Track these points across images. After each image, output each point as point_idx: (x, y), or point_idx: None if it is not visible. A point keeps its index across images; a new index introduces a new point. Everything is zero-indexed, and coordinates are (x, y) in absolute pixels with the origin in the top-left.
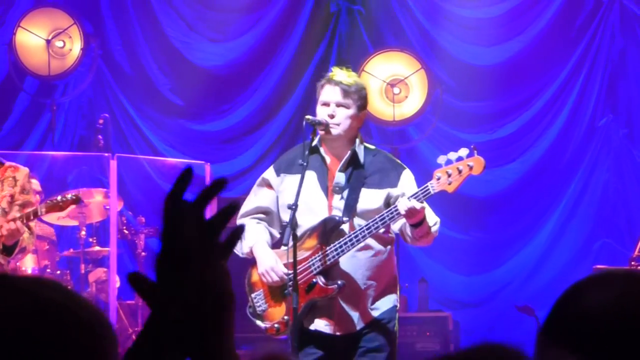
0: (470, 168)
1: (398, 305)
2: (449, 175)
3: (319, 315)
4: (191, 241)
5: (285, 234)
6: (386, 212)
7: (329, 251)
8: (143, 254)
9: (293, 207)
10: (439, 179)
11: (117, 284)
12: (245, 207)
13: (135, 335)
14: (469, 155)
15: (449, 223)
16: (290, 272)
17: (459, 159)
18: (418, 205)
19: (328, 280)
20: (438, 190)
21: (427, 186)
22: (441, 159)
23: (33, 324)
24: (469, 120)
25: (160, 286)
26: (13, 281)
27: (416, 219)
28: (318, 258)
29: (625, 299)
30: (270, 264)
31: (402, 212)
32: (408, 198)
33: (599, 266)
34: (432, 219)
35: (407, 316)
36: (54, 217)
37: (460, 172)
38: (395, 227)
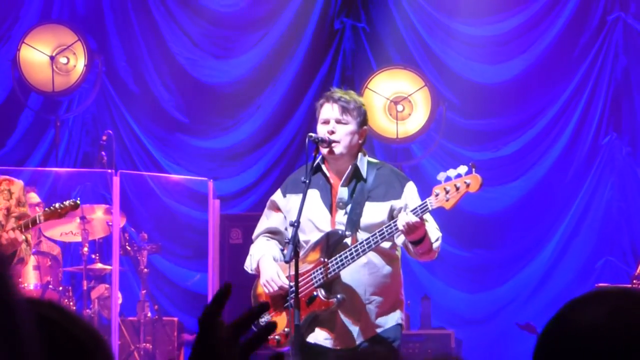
0: (468, 185)
1: (403, 323)
2: (447, 192)
3: (319, 328)
4: (222, 345)
5: (287, 250)
6: (386, 227)
7: (330, 265)
8: (145, 270)
9: (295, 224)
10: (437, 195)
11: (120, 301)
12: (258, 229)
13: (137, 351)
14: (467, 173)
15: (452, 240)
16: (292, 284)
17: (458, 176)
18: (414, 219)
19: (329, 293)
20: (436, 206)
21: (425, 202)
22: (441, 176)
23: (25, 341)
24: (472, 138)
25: None
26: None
27: (416, 236)
28: (320, 271)
29: (617, 316)
30: (272, 275)
31: (401, 228)
32: (406, 213)
33: (601, 284)
34: (434, 235)
35: (409, 333)
36: (56, 233)
37: (457, 189)
38: (399, 240)
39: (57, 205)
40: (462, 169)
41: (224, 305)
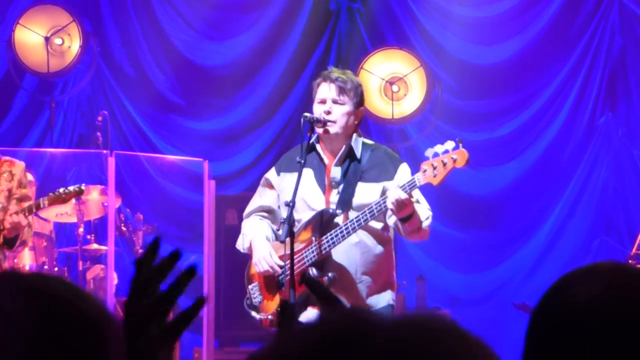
0: (454, 161)
1: (394, 304)
2: (434, 168)
3: (311, 307)
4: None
5: (283, 230)
6: (375, 204)
7: (321, 243)
8: (141, 251)
9: (290, 204)
10: (424, 171)
11: (115, 281)
12: (250, 207)
13: None
14: (455, 149)
15: (447, 221)
16: (283, 263)
17: (445, 152)
18: (403, 196)
19: (320, 272)
20: (424, 182)
21: (413, 179)
22: (428, 152)
23: (38, 318)
24: (468, 119)
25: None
26: (19, 277)
27: (404, 213)
28: (311, 250)
29: (611, 291)
30: (264, 254)
31: (390, 205)
32: (396, 188)
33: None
34: (424, 214)
35: None
36: (52, 214)
37: (445, 165)
38: (391, 221)
39: (61, 190)
40: (449, 144)
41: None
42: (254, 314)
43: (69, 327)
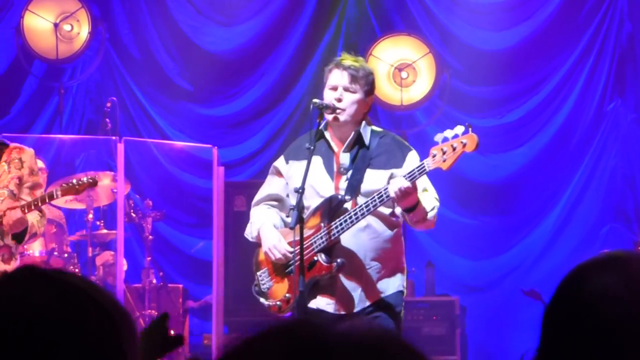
0: (464, 145)
1: (405, 290)
2: (444, 153)
3: (320, 293)
4: None
5: (292, 216)
6: (384, 189)
7: (330, 229)
8: (150, 237)
9: (300, 191)
10: (434, 156)
11: (125, 267)
12: (259, 195)
13: (142, 318)
14: (464, 133)
15: (456, 207)
16: (293, 249)
17: (455, 136)
18: (406, 184)
19: (329, 258)
20: (433, 167)
21: (422, 164)
22: (437, 137)
23: (60, 311)
24: (476, 105)
25: None
26: (39, 271)
27: (407, 203)
28: (320, 236)
29: (629, 281)
30: (274, 242)
31: (392, 195)
32: (400, 178)
33: (606, 251)
34: (430, 204)
35: (413, 300)
36: (61, 200)
37: (454, 149)
38: (397, 210)
39: (74, 181)
40: (459, 129)
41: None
42: (262, 300)
43: (87, 320)
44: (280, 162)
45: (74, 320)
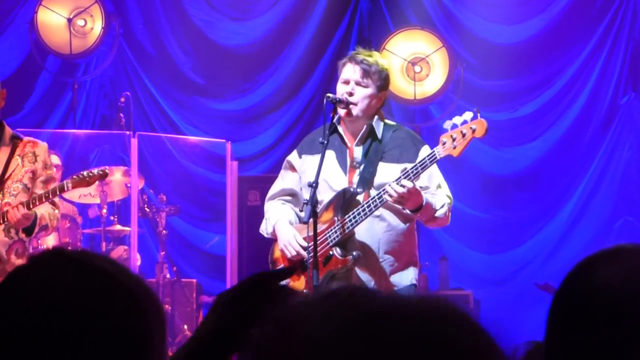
0: (473, 131)
1: (417, 283)
2: (454, 140)
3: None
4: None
5: (306, 211)
6: (393, 183)
7: (344, 223)
8: (164, 232)
9: (313, 185)
10: (444, 144)
11: (138, 262)
12: (273, 190)
13: None
14: (473, 119)
15: (469, 201)
16: (308, 245)
17: (464, 122)
18: (410, 185)
19: (344, 251)
20: (444, 154)
21: (433, 152)
22: (447, 124)
23: (86, 294)
24: (490, 99)
25: None
26: (65, 253)
27: (411, 205)
28: (333, 230)
29: (635, 273)
30: (289, 239)
31: (390, 199)
32: (396, 182)
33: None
34: (440, 201)
35: None
36: (75, 195)
37: (464, 135)
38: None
39: (85, 173)
40: (468, 115)
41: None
42: None
43: (113, 301)
44: (293, 157)
45: (99, 302)
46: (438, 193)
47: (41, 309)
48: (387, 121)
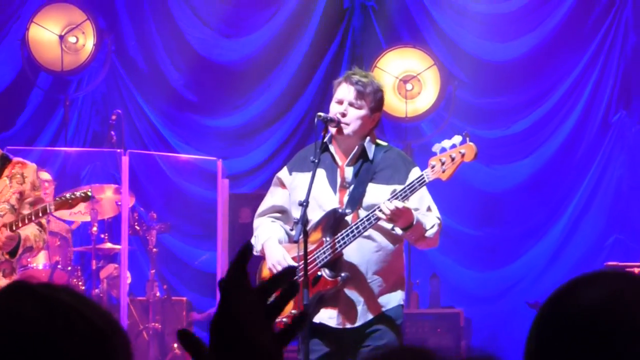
0: (463, 155)
1: (404, 304)
2: (443, 163)
3: (323, 307)
4: (246, 309)
5: (296, 230)
6: (377, 208)
7: (332, 244)
8: (155, 250)
9: (304, 204)
10: (433, 167)
11: (129, 280)
12: (262, 206)
13: (145, 331)
14: (462, 143)
15: (461, 219)
16: (297, 265)
17: (453, 146)
18: (400, 205)
19: (333, 272)
20: (433, 178)
21: (422, 175)
22: (435, 147)
23: (46, 326)
24: (482, 116)
25: (212, 347)
26: (29, 287)
27: (402, 223)
28: (322, 251)
29: (616, 297)
30: (278, 258)
31: (383, 217)
32: (389, 200)
33: (611, 263)
34: (430, 222)
35: (418, 312)
36: (65, 213)
37: (453, 159)
38: (397, 229)
39: (68, 195)
40: (457, 139)
41: (245, 265)
42: None
43: (76, 335)
44: (283, 173)
45: (61, 335)
46: (428, 214)
47: (2, 341)
48: (378, 141)
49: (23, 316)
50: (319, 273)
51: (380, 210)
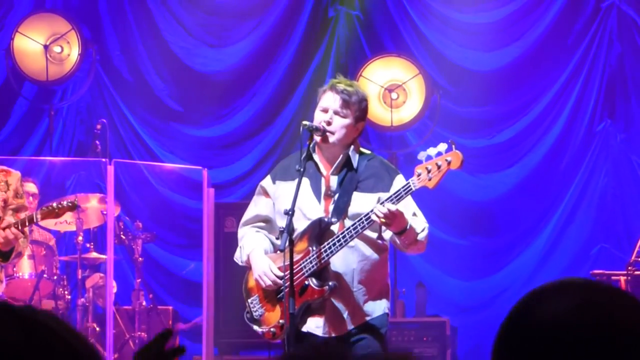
0: (449, 163)
1: (389, 312)
2: (429, 172)
3: (310, 317)
4: None
5: (282, 239)
6: (369, 212)
7: (318, 253)
8: (140, 259)
9: (290, 213)
10: (419, 175)
11: (114, 290)
12: (246, 216)
13: (132, 340)
14: (448, 150)
15: (447, 227)
16: (283, 275)
17: (438, 154)
18: (393, 208)
19: (320, 282)
20: (419, 186)
21: (408, 183)
22: (421, 155)
23: (25, 349)
24: (467, 126)
25: None
26: (11, 308)
27: (397, 227)
28: (309, 260)
29: (582, 309)
30: (264, 269)
31: (376, 219)
32: (382, 203)
33: (596, 271)
34: (420, 225)
35: (404, 321)
36: (51, 223)
37: (439, 167)
38: (387, 235)
39: (54, 205)
40: (442, 146)
41: (163, 347)
42: (255, 327)
43: (55, 357)
44: (267, 182)
45: (41, 357)
46: (416, 218)
47: None
48: (362, 150)
49: (6, 339)
50: (306, 282)
51: (374, 214)
